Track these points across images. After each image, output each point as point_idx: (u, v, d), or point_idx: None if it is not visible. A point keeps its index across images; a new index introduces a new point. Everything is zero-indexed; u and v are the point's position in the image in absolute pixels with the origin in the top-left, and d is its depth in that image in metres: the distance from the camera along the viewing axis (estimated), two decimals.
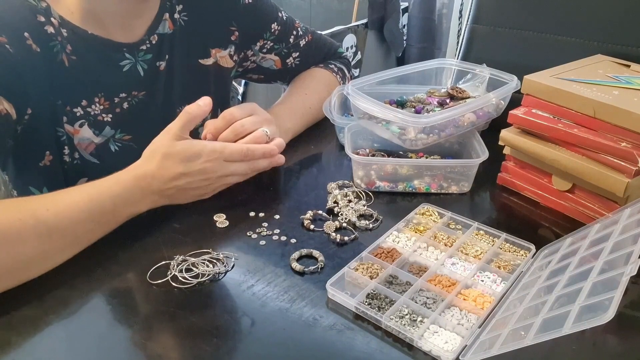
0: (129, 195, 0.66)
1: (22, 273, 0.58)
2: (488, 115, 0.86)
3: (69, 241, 0.61)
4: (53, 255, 0.60)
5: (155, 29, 0.81)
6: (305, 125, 0.96)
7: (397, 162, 0.79)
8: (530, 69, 0.78)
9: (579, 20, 0.91)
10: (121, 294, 0.59)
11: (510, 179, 0.81)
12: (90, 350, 0.52)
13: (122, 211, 0.66)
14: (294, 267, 0.63)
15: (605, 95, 0.69)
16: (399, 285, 0.60)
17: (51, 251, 0.59)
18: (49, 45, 0.71)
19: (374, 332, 0.55)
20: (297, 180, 0.84)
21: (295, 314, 0.56)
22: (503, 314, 0.55)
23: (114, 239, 0.66)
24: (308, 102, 0.96)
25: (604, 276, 0.47)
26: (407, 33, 2.56)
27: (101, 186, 0.65)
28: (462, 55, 1.04)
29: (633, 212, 0.57)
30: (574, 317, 0.43)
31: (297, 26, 0.99)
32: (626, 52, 0.86)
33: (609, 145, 0.66)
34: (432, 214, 0.73)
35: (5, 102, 0.66)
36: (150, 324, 0.55)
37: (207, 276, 0.61)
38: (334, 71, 1.04)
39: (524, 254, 0.65)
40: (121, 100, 0.79)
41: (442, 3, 2.49)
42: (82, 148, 0.78)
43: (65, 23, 0.72)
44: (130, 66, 0.79)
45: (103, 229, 0.65)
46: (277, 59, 0.99)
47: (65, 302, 0.57)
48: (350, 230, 0.71)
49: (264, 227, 0.70)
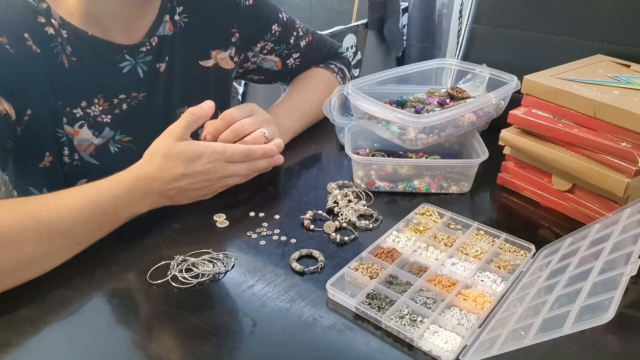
0: (129, 196, 0.66)
1: (23, 273, 0.58)
2: (488, 115, 0.86)
3: (69, 242, 0.61)
4: (53, 255, 0.60)
5: (155, 30, 0.81)
6: (306, 125, 0.96)
7: (397, 162, 0.79)
8: (530, 69, 0.78)
9: (579, 20, 0.91)
10: (121, 294, 0.59)
11: (510, 179, 0.81)
12: (90, 350, 0.52)
13: (122, 212, 0.66)
14: (294, 267, 0.63)
15: (605, 95, 0.69)
16: (399, 285, 0.60)
17: (51, 252, 0.59)
18: (49, 46, 0.71)
19: (374, 332, 0.55)
20: (297, 180, 0.84)
21: (295, 314, 0.56)
22: (503, 314, 0.55)
23: (114, 239, 0.66)
24: (308, 102, 0.96)
25: (604, 276, 0.47)
26: (407, 33, 2.56)
27: (101, 187, 0.65)
28: (462, 55, 1.04)
29: (633, 212, 0.57)
30: (574, 317, 0.43)
31: (298, 27, 0.99)
32: (626, 52, 0.86)
33: (609, 145, 0.66)
34: (432, 214, 0.73)
35: (5, 103, 0.66)
36: (150, 324, 0.55)
37: (207, 276, 0.61)
38: (335, 71, 1.04)
39: (524, 254, 0.65)
40: (120, 101, 0.79)
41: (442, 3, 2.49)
42: (81, 149, 0.78)
43: (65, 24, 0.72)
44: (130, 68, 0.79)
45: (103, 229, 0.65)
46: (278, 59, 0.99)
47: (65, 302, 0.57)
48: (350, 230, 0.71)
49: (264, 227, 0.70)
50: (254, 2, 0.90)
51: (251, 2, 0.90)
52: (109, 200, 0.64)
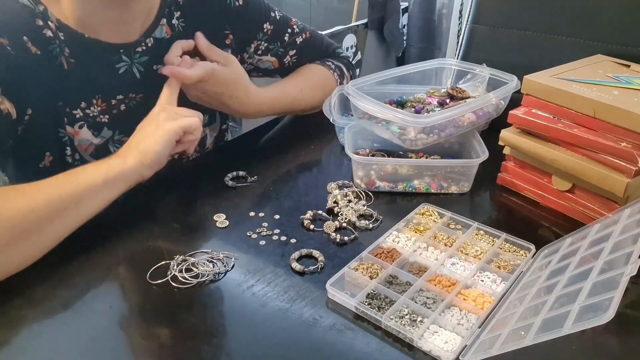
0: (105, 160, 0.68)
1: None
2: (488, 115, 0.86)
3: (56, 206, 0.61)
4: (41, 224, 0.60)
5: (151, 32, 0.81)
6: (284, 107, 0.96)
7: (397, 162, 0.79)
8: (530, 69, 0.78)
9: (579, 20, 0.91)
10: (121, 294, 0.59)
11: (510, 179, 0.81)
12: (90, 350, 0.52)
13: (98, 169, 0.67)
14: (294, 267, 0.63)
15: (605, 95, 0.69)
16: (399, 285, 0.60)
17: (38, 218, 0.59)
18: (48, 48, 0.71)
19: (374, 332, 0.55)
20: (297, 180, 0.84)
21: (295, 314, 0.56)
22: (503, 314, 0.55)
23: (114, 239, 0.66)
24: (289, 86, 0.97)
25: (604, 276, 0.47)
26: (407, 33, 2.56)
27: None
28: (462, 55, 1.04)
29: (633, 212, 0.57)
30: (574, 317, 0.43)
31: (293, 24, 0.99)
32: (626, 52, 0.86)
33: (609, 145, 0.66)
34: (432, 214, 0.73)
35: (7, 102, 0.67)
36: (150, 324, 0.55)
37: (207, 276, 0.61)
38: (331, 68, 1.03)
39: (524, 254, 0.65)
40: (118, 102, 0.80)
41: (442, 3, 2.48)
42: (82, 149, 0.79)
43: (62, 26, 0.73)
44: (126, 68, 0.79)
45: (83, 187, 0.64)
46: (274, 59, 0.99)
47: (65, 302, 0.57)
48: (350, 230, 0.71)
49: (264, 227, 0.70)
50: (244, 2, 0.91)
51: (241, 3, 0.90)
52: (81, 167, 0.67)
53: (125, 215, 0.71)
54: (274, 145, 0.97)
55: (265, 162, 0.88)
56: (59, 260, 0.62)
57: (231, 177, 0.82)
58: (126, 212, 0.71)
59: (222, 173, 0.82)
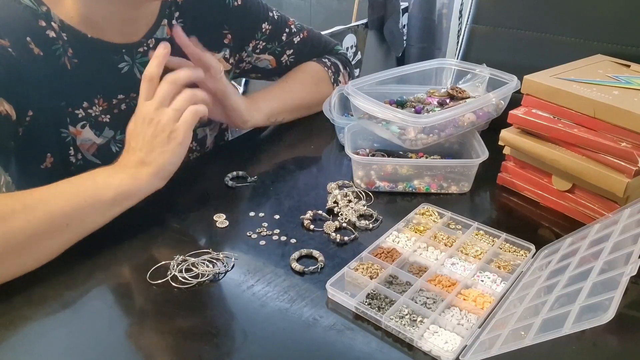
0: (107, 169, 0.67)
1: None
2: (488, 115, 0.86)
3: (59, 223, 0.60)
4: (42, 238, 0.59)
5: (153, 33, 0.81)
6: (284, 108, 0.97)
7: (397, 162, 0.79)
8: (530, 69, 0.78)
9: (579, 20, 0.91)
10: (121, 294, 0.59)
11: (510, 179, 0.81)
12: (90, 350, 0.52)
13: (102, 182, 0.65)
14: (294, 267, 0.63)
15: (605, 95, 0.69)
16: (399, 285, 0.60)
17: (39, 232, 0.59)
18: (52, 49, 0.71)
19: (374, 332, 0.55)
20: (297, 180, 0.84)
21: (295, 314, 0.56)
22: (503, 314, 0.55)
23: (114, 239, 0.66)
24: (288, 88, 0.98)
25: (604, 276, 0.47)
26: (407, 33, 2.56)
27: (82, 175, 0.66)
28: (462, 55, 1.04)
29: (633, 212, 0.57)
30: (574, 317, 0.43)
31: (291, 24, 0.99)
32: (626, 52, 0.86)
33: (609, 145, 0.66)
34: (432, 214, 0.73)
35: (6, 104, 0.67)
36: (150, 324, 0.55)
37: (207, 276, 0.61)
38: (326, 65, 1.04)
39: (524, 254, 0.65)
40: (119, 101, 0.80)
41: (442, 3, 2.48)
42: (84, 149, 0.79)
43: (65, 27, 0.73)
44: (128, 68, 0.79)
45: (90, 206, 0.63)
46: (272, 58, 0.99)
47: (64, 302, 0.57)
48: (350, 230, 0.71)
49: (264, 227, 0.70)
50: (243, 2, 0.91)
51: (240, 2, 0.91)
52: (88, 176, 0.65)
53: (125, 215, 0.71)
54: (274, 145, 0.97)
55: (265, 162, 0.88)
56: (59, 260, 0.61)
57: (231, 177, 0.82)
58: (126, 212, 0.71)
59: (222, 173, 0.82)
